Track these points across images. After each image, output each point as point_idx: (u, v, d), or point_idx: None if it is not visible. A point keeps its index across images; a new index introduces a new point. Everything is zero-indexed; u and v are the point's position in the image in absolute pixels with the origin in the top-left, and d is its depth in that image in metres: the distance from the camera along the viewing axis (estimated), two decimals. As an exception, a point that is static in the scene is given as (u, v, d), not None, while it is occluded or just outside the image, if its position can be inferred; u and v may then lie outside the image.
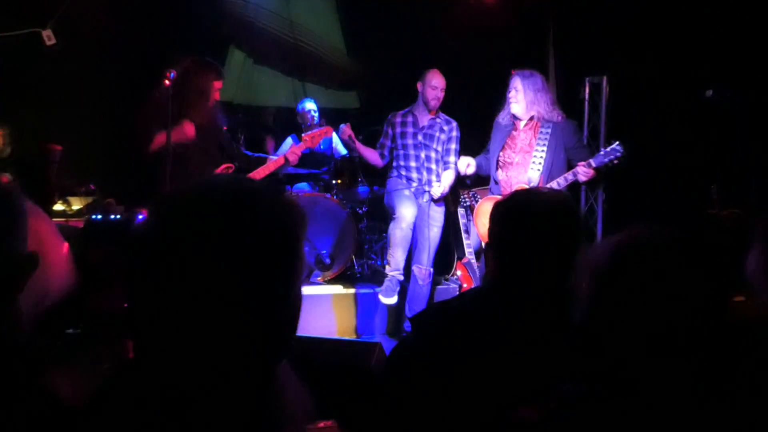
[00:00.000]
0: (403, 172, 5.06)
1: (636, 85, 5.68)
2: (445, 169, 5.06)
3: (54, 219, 4.46)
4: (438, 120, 5.09)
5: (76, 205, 4.66)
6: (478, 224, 4.50)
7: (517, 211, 1.77)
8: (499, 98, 4.61)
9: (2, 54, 5.33)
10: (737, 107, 4.25)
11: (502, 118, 4.46)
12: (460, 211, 5.08)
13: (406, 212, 4.91)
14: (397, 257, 4.96)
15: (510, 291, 1.73)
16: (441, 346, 1.70)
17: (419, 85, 5.06)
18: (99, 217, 4.55)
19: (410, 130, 5.08)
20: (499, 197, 4.22)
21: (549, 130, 4.29)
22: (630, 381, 1.14)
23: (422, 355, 1.73)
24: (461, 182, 4.99)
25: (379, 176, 5.90)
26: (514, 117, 4.39)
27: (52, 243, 1.22)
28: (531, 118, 4.36)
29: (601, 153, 4.22)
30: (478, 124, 4.78)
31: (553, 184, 4.20)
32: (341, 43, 7.43)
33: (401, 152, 5.09)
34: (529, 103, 4.31)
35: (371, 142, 6.25)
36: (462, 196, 5.06)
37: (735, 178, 4.32)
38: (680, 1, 5.30)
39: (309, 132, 4.89)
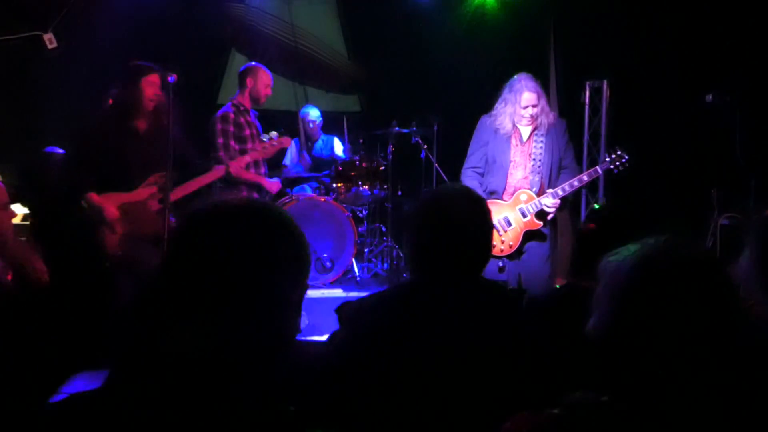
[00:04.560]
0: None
1: (636, 89, 5.69)
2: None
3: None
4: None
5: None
6: None
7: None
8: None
9: (3, 57, 5.35)
10: (737, 111, 4.26)
11: (501, 126, 4.23)
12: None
13: None
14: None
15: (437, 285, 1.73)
16: (370, 340, 1.69)
17: (249, 81, 4.64)
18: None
19: (255, 131, 4.71)
20: (500, 202, 4.22)
21: (543, 131, 4.25)
22: (647, 393, 1.14)
23: (351, 350, 1.71)
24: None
25: (381, 179, 5.90)
26: (517, 124, 4.26)
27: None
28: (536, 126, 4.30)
29: (607, 159, 4.26)
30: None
31: (559, 192, 4.16)
32: (342, 47, 7.45)
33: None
34: (540, 113, 4.24)
35: (372, 145, 6.25)
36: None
37: (734, 182, 4.33)
38: (680, 6, 5.31)
39: (268, 140, 4.48)
